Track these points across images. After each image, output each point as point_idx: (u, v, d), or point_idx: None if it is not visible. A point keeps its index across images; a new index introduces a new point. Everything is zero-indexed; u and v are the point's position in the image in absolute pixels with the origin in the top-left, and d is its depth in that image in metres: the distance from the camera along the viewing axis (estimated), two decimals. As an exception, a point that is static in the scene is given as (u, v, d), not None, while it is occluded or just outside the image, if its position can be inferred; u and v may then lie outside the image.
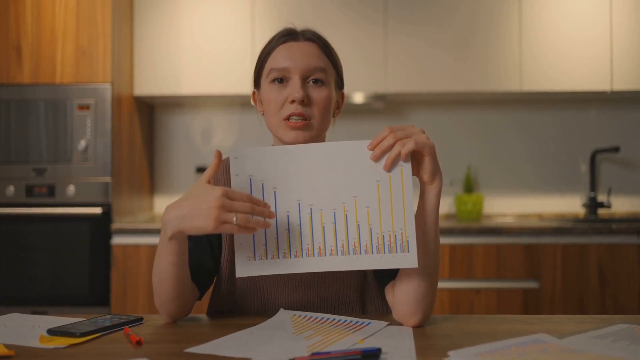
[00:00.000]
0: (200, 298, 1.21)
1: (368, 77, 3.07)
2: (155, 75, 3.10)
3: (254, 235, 1.05)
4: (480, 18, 3.08)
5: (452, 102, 3.41)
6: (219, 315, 1.23)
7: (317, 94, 1.20)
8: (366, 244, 1.03)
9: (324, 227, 1.04)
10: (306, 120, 1.19)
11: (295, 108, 1.17)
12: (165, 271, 1.08)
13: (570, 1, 3.06)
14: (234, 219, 0.96)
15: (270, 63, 1.22)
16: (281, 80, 1.20)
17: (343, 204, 1.04)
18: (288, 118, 1.18)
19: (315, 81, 1.20)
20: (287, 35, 1.23)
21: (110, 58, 2.85)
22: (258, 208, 0.99)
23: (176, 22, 3.11)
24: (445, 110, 3.43)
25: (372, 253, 1.03)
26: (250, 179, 1.05)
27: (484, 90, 3.08)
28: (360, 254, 1.03)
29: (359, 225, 1.03)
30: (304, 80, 1.20)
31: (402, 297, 1.08)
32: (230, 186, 1.23)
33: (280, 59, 1.20)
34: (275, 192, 1.05)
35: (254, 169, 1.05)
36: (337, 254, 1.04)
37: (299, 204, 1.05)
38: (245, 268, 1.05)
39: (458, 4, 3.08)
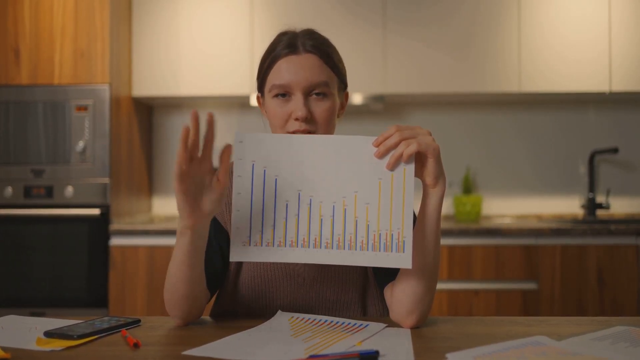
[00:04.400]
0: (209, 299, 1.22)
1: (367, 78, 3.07)
2: (154, 76, 3.10)
3: (251, 220, 1.05)
4: (479, 19, 3.08)
5: (451, 103, 3.41)
6: (218, 316, 1.23)
7: (320, 108, 1.19)
8: (362, 241, 1.03)
9: (321, 219, 1.04)
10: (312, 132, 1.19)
11: (299, 125, 1.17)
12: (180, 270, 1.07)
13: (569, 3, 3.07)
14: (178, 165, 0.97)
15: (272, 78, 1.21)
16: (284, 94, 1.20)
17: (343, 198, 1.04)
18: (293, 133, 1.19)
19: (318, 94, 1.20)
20: (288, 48, 1.21)
21: (109, 59, 2.85)
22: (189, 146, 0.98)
23: (175, 23, 3.10)
24: (444, 111, 3.43)
25: (368, 250, 1.03)
26: (253, 164, 1.05)
27: (483, 92, 3.08)
28: (356, 249, 1.03)
29: (357, 221, 1.03)
30: (307, 96, 1.19)
31: (400, 297, 1.08)
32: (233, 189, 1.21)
33: (281, 74, 1.19)
34: (276, 179, 1.05)
35: (257, 154, 1.05)
36: (332, 248, 1.04)
37: (299, 194, 1.05)
38: (240, 252, 1.05)
39: (457, 5, 3.08)
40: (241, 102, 3.39)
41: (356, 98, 3.10)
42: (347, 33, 3.06)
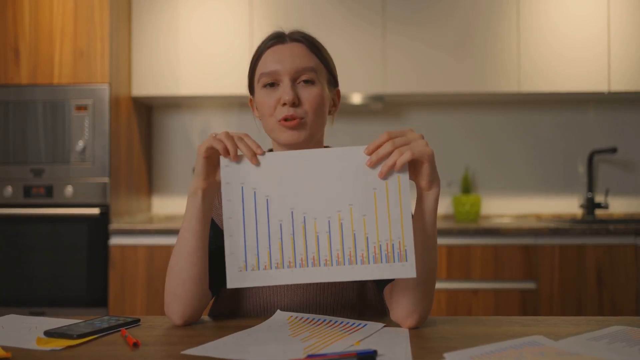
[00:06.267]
0: (209, 300, 1.21)
1: (366, 78, 3.07)
2: (154, 75, 3.11)
3: (245, 244, 1.02)
4: (478, 19, 3.08)
5: (451, 103, 3.41)
6: (217, 317, 1.23)
7: (308, 93, 1.20)
8: (362, 254, 1.00)
9: (318, 236, 1.01)
10: (300, 119, 1.19)
11: (287, 110, 1.18)
12: (189, 240, 1.09)
13: (568, 3, 3.07)
14: (216, 141, 1.03)
15: (260, 68, 1.23)
16: (272, 84, 1.21)
17: (338, 212, 1.01)
18: (281, 121, 1.19)
19: (306, 81, 1.20)
20: (274, 39, 1.23)
21: (109, 59, 2.85)
22: (243, 141, 1.03)
23: (174, 23, 3.11)
24: (444, 111, 3.43)
25: (369, 263, 1.00)
26: (242, 187, 1.03)
27: (482, 91, 3.08)
28: (356, 263, 1.00)
29: (354, 234, 1.00)
30: (294, 82, 1.20)
31: (399, 299, 1.08)
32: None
33: (268, 63, 1.21)
34: (267, 200, 1.03)
35: (245, 176, 1.03)
36: (332, 264, 1.01)
37: (292, 212, 1.02)
38: (237, 279, 1.02)
39: (456, 5, 3.08)
40: (240, 102, 3.39)
41: (355, 98, 3.10)
42: (347, 33, 3.07)
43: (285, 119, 1.18)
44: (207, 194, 1.09)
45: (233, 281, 1.02)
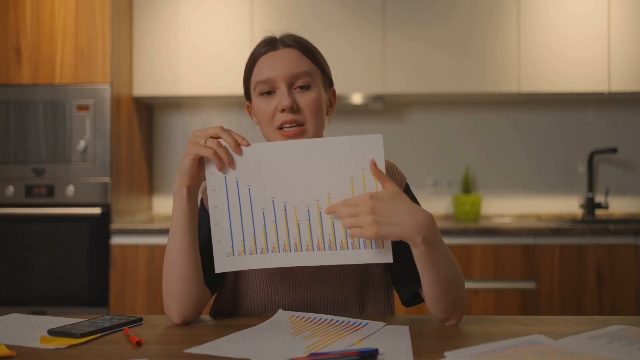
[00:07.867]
0: (209, 298, 1.22)
1: (367, 77, 3.08)
2: (154, 75, 3.11)
3: (231, 231, 1.08)
4: (478, 19, 3.08)
5: (451, 103, 3.42)
6: (219, 315, 1.24)
7: (305, 98, 1.20)
8: (341, 240, 1.05)
9: (299, 223, 1.06)
10: (300, 126, 1.19)
11: (286, 116, 1.18)
12: (179, 241, 1.13)
13: (568, 3, 3.07)
14: (205, 142, 1.06)
15: (255, 76, 1.23)
16: (269, 92, 1.21)
17: (317, 201, 1.05)
18: (281, 127, 1.19)
19: (302, 87, 1.21)
20: (267, 46, 1.24)
21: (110, 59, 2.85)
22: (227, 133, 1.07)
23: (175, 23, 3.11)
24: (444, 111, 3.43)
25: (348, 249, 1.05)
26: (225, 177, 1.08)
27: (482, 91, 3.09)
28: (336, 249, 1.05)
29: (333, 222, 1.05)
30: (290, 87, 1.21)
31: (435, 306, 1.10)
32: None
33: (263, 70, 1.22)
34: (249, 189, 1.08)
35: (227, 167, 1.08)
36: (313, 250, 1.06)
37: (273, 201, 1.07)
38: (224, 264, 1.09)
39: (456, 5, 3.09)
40: (240, 102, 3.39)
41: (356, 98, 3.10)
42: (347, 33, 3.07)
43: (285, 125, 1.18)
44: (191, 191, 1.12)
45: (221, 266, 1.09)
